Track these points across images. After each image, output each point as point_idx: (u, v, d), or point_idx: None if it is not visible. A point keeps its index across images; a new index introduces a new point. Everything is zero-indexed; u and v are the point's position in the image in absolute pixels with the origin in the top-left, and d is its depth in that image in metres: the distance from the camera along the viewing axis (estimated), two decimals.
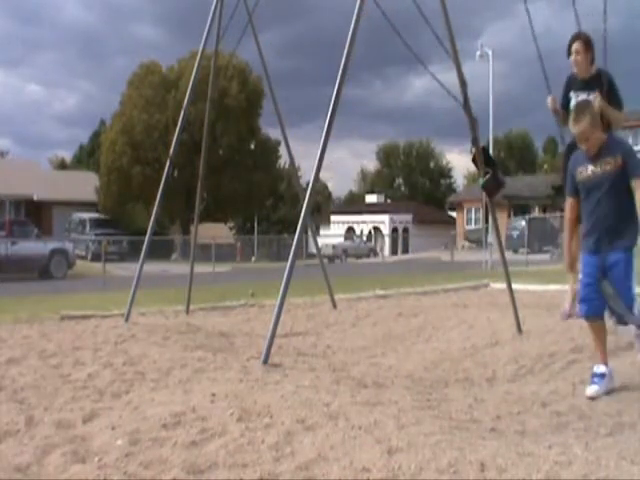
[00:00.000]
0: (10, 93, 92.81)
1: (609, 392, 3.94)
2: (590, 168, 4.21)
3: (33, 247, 19.19)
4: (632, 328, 4.49)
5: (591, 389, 3.94)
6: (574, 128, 4.20)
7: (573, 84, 5.18)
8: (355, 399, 3.51)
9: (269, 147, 35.26)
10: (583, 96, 5.02)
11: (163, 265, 19.71)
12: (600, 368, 4.09)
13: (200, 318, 7.50)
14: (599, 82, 5.00)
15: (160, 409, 3.22)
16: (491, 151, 11.00)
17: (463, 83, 5.87)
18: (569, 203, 4.38)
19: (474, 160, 6.01)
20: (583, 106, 4.32)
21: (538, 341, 5.55)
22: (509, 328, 6.08)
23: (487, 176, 5.90)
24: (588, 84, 5.06)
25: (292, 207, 39.89)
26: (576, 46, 5.00)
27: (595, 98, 4.87)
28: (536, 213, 37.50)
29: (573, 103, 5.05)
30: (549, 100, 5.30)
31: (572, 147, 5.04)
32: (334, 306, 8.18)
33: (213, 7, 6.86)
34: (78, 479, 2.40)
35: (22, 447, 2.73)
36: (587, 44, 5.02)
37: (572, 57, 5.02)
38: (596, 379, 4.02)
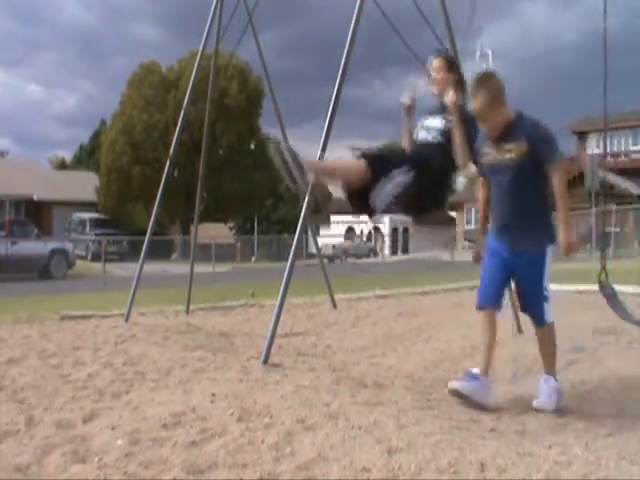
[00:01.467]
0: (10, 93, 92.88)
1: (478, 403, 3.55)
2: (493, 151, 3.66)
3: (33, 247, 19.18)
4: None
5: (454, 383, 3.66)
6: (471, 104, 3.66)
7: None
8: (355, 399, 3.51)
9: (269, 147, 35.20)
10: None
11: (163, 265, 19.70)
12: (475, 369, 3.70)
13: (200, 318, 7.50)
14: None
15: (160, 409, 3.23)
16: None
17: (463, 83, 5.87)
18: (480, 182, 3.91)
19: (474, 160, 6.01)
20: (482, 79, 3.65)
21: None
22: (509, 328, 6.07)
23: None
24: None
25: (292, 207, 39.86)
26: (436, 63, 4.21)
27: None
28: None
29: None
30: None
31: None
32: (334, 306, 8.18)
33: (213, 7, 6.86)
34: (78, 479, 2.40)
35: (22, 447, 2.73)
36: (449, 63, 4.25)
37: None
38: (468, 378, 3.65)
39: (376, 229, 44.06)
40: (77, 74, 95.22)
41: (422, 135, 4.18)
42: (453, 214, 47.45)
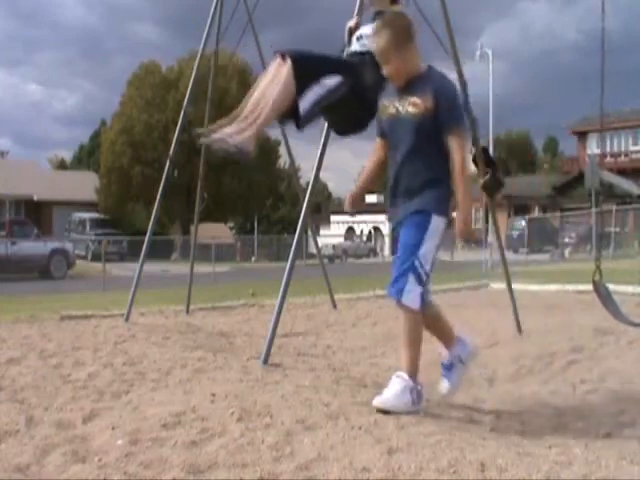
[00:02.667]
0: (10, 93, 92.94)
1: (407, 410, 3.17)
2: (395, 104, 3.23)
3: (33, 247, 19.22)
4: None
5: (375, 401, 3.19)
6: (373, 43, 3.27)
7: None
8: (355, 399, 3.51)
9: (269, 147, 35.28)
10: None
11: (163, 265, 19.72)
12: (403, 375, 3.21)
13: (200, 318, 7.50)
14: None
15: (160, 409, 3.22)
16: (491, 151, 11.00)
17: (463, 83, 5.87)
18: (376, 144, 3.48)
19: (474, 160, 6.01)
20: (389, 17, 3.30)
21: (538, 341, 5.55)
22: (509, 328, 6.08)
23: (487, 176, 5.90)
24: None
25: (292, 207, 39.88)
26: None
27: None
28: (536, 213, 37.53)
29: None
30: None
31: None
32: (334, 306, 8.18)
33: (213, 7, 6.85)
34: (78, 479, 2.39)
35: (22, 447, 2.73)
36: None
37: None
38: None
39: (376, 229, 44.07)
40: (77, 74, 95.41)
41: (355, 47, 3.95)
42: (453, 214, 47.45)
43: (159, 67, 34.26)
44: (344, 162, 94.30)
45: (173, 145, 7.19)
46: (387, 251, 34.56)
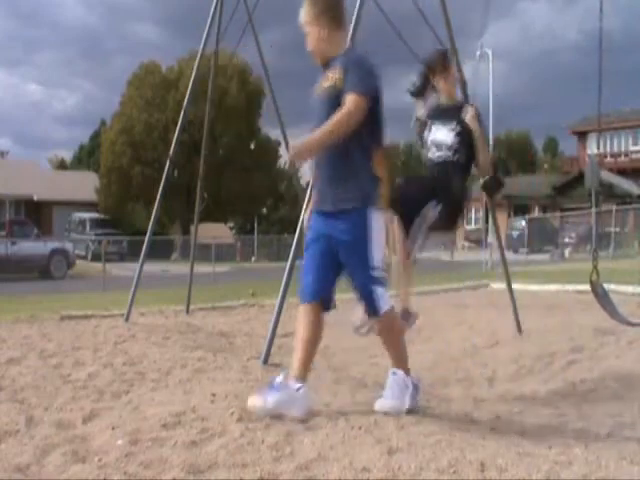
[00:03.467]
0: (10, 93, 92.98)
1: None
2: (320, 83, 3.18)
3: (33, 247, 19.21)
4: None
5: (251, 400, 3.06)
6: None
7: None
8: (355, 399, 3.52)
9: (269, 147, 35.28)
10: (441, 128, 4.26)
11: (163, 265, 19.71)
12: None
13: (200, 318, 7.49)
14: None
15: (160, 409, 3.23)
16: (491, 151, 10.98)
17: (463, 83, 5.87)
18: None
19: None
20: None
21: (538, 341, 5.55)
22: (509, 328, 6.08)
23: (487, 176, 5.89)
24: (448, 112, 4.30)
25: (292, 207, 39.85)
26: None
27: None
28: (536, 213, 37.54)
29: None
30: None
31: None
32: (334, 306, 8.16)
33: (213, 7, 6.85)
34: (78, 479, 2.39)
35: (22, 447, 2.73)
36: None
37: None
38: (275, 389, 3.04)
39: None
40: (77, 74, 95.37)
41: (435, 154, 4.27)
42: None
43: (159, 67, 34.24)
44: None
45: (173, 145, 7.19)
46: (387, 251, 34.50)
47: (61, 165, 57.50)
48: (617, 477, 2.36)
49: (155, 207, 7.14)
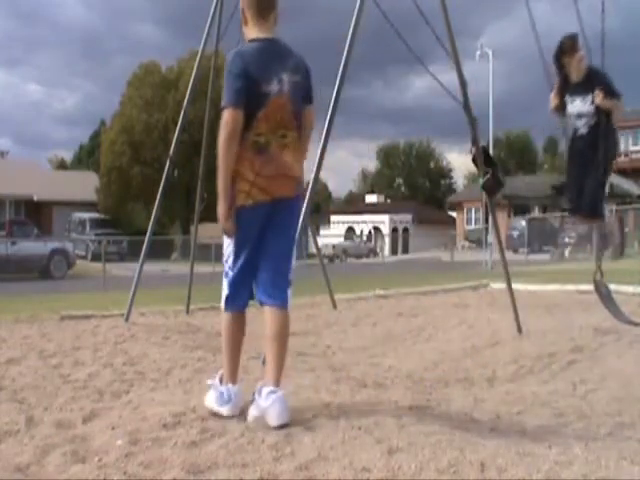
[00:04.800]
0: (10, 93, 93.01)
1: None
2: None
3: (33, 247, 19.20)
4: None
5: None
6: None
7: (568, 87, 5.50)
8: (355, 399, 3.51)
9: None
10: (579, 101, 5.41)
11: (163, 265, 19.70)
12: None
13: (200, 318, 7.49)
14: (591, 82, 5.28)
15: (160, 409, 3.22)
16: (491, 151, 10.99)
17: (463, 83, 5.87)
18: None
19: (474, 160, 6.01)
20: None
21: (538, 341, 5.56)
22: (509, 328, 6.08)
23: (487, 176, 5.90)
24: (581, 85, 5.39)
25: None
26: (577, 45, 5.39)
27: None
28: (536, 213, 37.51)
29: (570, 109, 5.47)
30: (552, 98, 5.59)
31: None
32: (334, 306, 8.18)
33: (213, 7, 6.85)
34: (78, 479, 2.39)
35: (22, 447, 2.73)
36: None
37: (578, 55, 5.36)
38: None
39: (376, 229, 44.07)
40: (77, 74, 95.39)
41: (579, 126, 5.41)
42: (453, 214, 47.50)
43: (159, 67, 34.22)
44: (344, 162, 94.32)
45: (173, 145, 7.19)
46: (387, 251, 34.59)
47: (61, 165, 57.52)
48: (617, 477, 2.36)
49: (155, 207, 7.14)
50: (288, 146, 3.16)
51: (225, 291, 3.18)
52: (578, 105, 5.38)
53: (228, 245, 3.16)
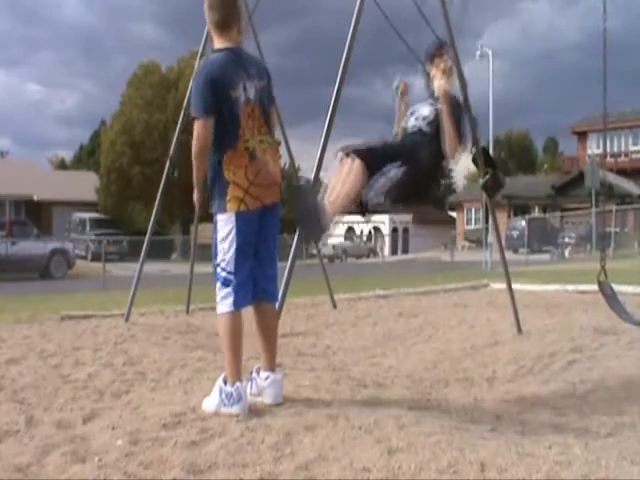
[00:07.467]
0: (10, 93, 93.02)
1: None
2: None
3: (33, 247, 19.19)
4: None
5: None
6: None
7: None
8: (355, 399, 3.51)
9: None
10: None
11: (163, 265, 19.70)
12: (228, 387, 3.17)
13: (200, 318, 7.49)
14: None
15: (160, 409, 3.22)
16: (491, 151, 10.99)
17: (463, 83, 5.87)
18: None
19: (474, 160, 6.01)
20: None
21: (538, 341, 5.55)
22: (509, 328, 6.08)
23: (487, 176, 5.89)
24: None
25: (292, 207, 39.81)
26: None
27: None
28: (536, 213, 37.53)
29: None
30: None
31: None
32: (334, 306, 8.18)
33: None
34: (78, 479, 2.40)
35: (22, 447, 2.73)
36: None
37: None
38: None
39: (376, 229, 44.07)
40: (77, 74, 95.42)
41: (411, 123, 4.25)
42: (453, 214, 47.49)
43: (159, 67, 34.23)
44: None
45: (173, 145, 7.18)
46: (387, 251, 34.59)
47: (61, 165, 57.53)
48: (617, 477, 2.36)
49: (155, 207, 7.14)
50: (266, 151, 3.27)
51: (231, 294, 3.22)
52: (419, 105, 4.46)
53: (227, 251, 3.21)
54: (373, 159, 3.74)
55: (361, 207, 3.90)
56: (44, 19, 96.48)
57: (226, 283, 3.23)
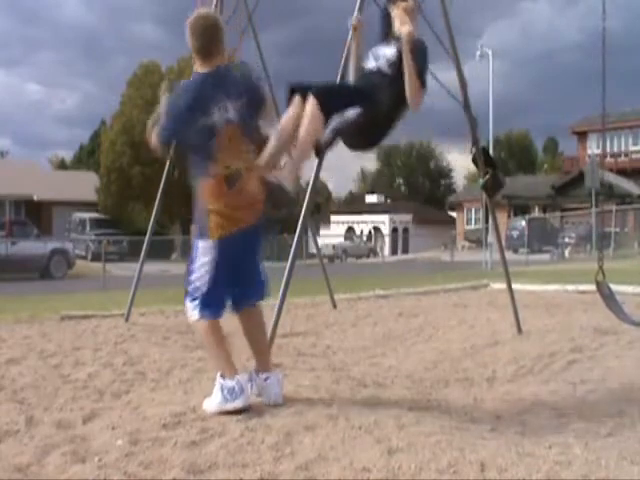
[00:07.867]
0: (10, 93, 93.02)
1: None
2: None
3: (33, 247, 19.18)
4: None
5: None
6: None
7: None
8: (355, 399, 3.51)
9: None
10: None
11: (163, 265, 19.69)
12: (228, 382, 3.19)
13: None
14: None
15: (160, 409, 3.23)
16: (491, 151, 10.99)
17: (463, 83, 5.87)
18: None
19: (474, 160, 6.01)
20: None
21: (538, 341, 5.55)
22: (509, 328, 6.08)
23: (487, 176, 5.89)
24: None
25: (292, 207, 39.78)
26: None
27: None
28: (536, 213, 37.52)
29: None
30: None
31: None
32: (334, 306, 8.17)
33: (213, 7, 6.85)
34: (78, 479, 2.40)
35: (22, 447, 2.73)
36: None
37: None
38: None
39: (376, 229, 44.08)
40: (77, 74, 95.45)
41: (370, 64, 3.96)
42: (453, 214, 47.47)
43: (159, 67, 34.20)
44: (344, 162, 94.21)
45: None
46: (387, 251, 34.59)
47: (61, 165, 57.51)
48: (617, 477, 2.36)
49: (155, 207, 7.13)
50: (250, 169, 3.27)
51: (199, 304, 3.25)
52: (380, 46, 4.08)
53: (202, 265, 3.25)
54: (328, 100, 3.50)
55: (315, 147, 3.73)
56: (44, 19, 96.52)
57: (194, 295, 3.26)
